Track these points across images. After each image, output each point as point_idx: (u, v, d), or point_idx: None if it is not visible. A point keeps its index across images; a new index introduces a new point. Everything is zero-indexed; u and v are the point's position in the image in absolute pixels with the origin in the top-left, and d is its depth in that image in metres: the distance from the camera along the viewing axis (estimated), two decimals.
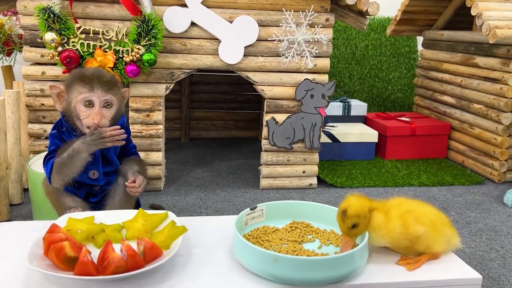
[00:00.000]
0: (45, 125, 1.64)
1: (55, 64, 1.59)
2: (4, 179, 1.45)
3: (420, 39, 2.79)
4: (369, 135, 2.24)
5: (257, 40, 1.68)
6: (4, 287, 0.78)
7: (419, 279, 0.86)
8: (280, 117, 1.77)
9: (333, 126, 2.27)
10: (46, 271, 0.77)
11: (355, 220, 0.88)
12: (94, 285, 0.80)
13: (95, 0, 1.58)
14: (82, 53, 1.53)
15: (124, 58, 1.54)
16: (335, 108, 2.37)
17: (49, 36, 1.48)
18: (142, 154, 1.53)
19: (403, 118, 2.41)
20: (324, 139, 2.17)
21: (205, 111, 2.55)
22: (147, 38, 1.53)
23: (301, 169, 1.84)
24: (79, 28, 1.53)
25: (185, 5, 1.62)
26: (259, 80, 1.73)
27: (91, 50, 1.54)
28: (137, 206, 1.27)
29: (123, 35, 1.56)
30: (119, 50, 1.54)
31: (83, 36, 1.54)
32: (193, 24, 1.64)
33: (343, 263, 0.81)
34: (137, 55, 1.53)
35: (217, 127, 2.58)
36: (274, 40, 1.69)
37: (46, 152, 1.16)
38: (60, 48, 1.51)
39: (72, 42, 1.52)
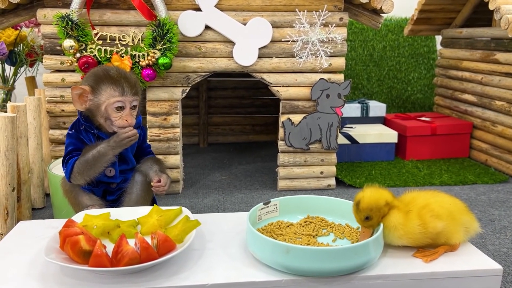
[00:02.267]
0: (65, 131, 1.68)
1: (74, 71, 1.63)
2: (26, 183, 1.49)
3: (438, 39, 2.75)
4: (388, 135, 2.22)
5: (271, 41, 1.69)
6: (22, 280, 0.80)
7: (436, 270, 0.84)
8: (296, 118, 1.77)
9: (351, 127, 2.25)
10: (61, 263, 0.78)
11: (367, 213, 0.87)
12: (108, 277, 0.81)
13: (111, 7, 1.62)
14: (100, 59, 1.56)
15: (140, 63, 1.57)
16: (353, 110, 2.35)
17: (68, 43, 1.52)
18: (160, 158, 1.55)
19: (423, 118, 2.38)
20: (342, 140, 2.15)
21: (223, 116, 2.57)
22: (162, 42, 1.56)
23: (318, 170, 1.83)
24: (96, 34, 1.57)
25: (199, 9, 1.64)
26: (274, 81, 1.74)
27: (108, 56, 1.57)
28: (152, 203, 1.29)
29: (139, 40, 1.59)
30: (135, 55, 1.57)
31: (100, 42, 1.57)
32: (207, 27, 1.66)
33: (356, 253, 0.80)
34: (153, 59, 1.56)
35: (235, 132, 2.59)
36: (288, 41, 1.70)
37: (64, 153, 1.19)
38: (78, 55, 1.55)
39: (90, 48, 1.56)
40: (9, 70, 2.15)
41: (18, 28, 2.09)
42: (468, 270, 0.84)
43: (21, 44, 2.14)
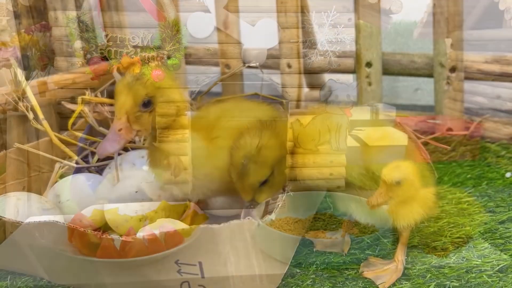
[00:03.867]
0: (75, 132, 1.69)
1: (83, 73, 1.64)
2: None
3: (448, 42, 2.73)
4: (398, 138, 2.19)
5: (279, 42, 1.69)
6: (30, 272, 0.80)
7: None
8: (305, 119, 1.76)
9: (360, 130, 2.23)
10: (70, 255, 0.78)
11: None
12: (116, 269, 0.81)
13: (121, 9, 1.64)
14: (110, 60, 1.58)
15: (149, 64, 1.57)
16: (362, 112, 2.34)
17: (78, 44, 1.53)
18: None
19: (433, 121, 2.36)
20: (351, 142, 2.13)
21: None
22: (171, 44, 1.56)
23: (327, 171, 1.81)
24: (106, 36, 1.59)
25: (208, 10, 1.65)
26: (282, 82, 1.74)
27: (118, 57, 1.58)
28: None
29: (148, 41, 1.60)
30: (144, 56, 1.58)
31: (110, 43, 1.59)
32: (216, 28, 1.67)
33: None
34: (162, 60, 1.57)
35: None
36: (297, 42, 1.70)
37: None
38: (88, 56, 1.56)
39: (100, 49, 1.57)
40: (20, 74, 2.17)
41: (30, 32, 2.12)
42: None
43: (33, 49, 2.17)
